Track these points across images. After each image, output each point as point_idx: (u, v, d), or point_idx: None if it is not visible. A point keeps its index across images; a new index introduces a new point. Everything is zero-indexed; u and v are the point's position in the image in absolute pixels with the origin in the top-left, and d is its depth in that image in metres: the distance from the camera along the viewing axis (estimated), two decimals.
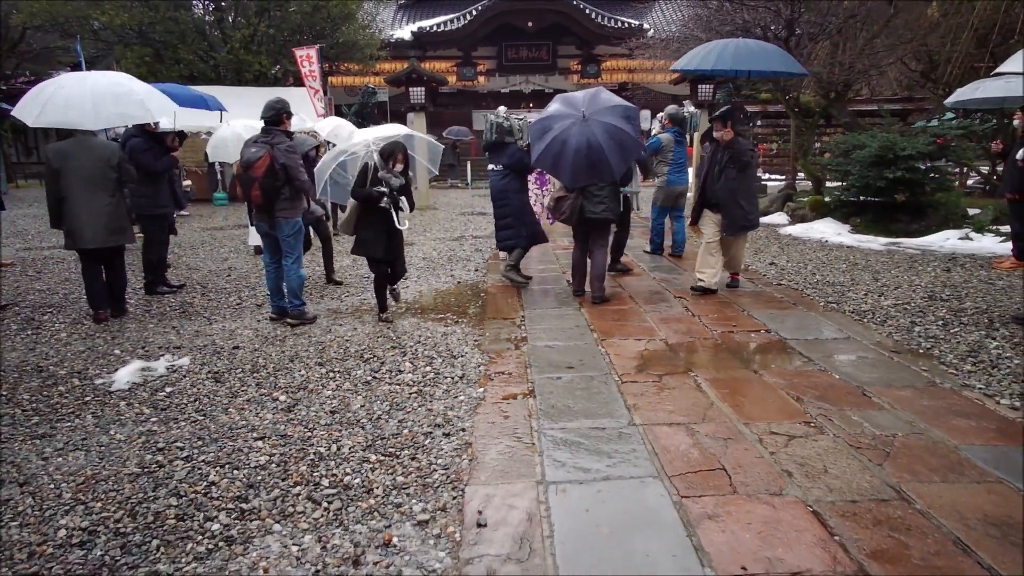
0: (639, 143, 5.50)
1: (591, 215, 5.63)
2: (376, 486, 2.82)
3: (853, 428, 3.27)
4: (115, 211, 5.39)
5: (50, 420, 3.54)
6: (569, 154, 5.24)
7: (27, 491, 2.81)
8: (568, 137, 5.27)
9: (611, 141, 5.21)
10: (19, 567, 2.30)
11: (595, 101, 5.47)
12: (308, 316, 5.38)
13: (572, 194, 5.63)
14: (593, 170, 5.29)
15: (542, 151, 5.40)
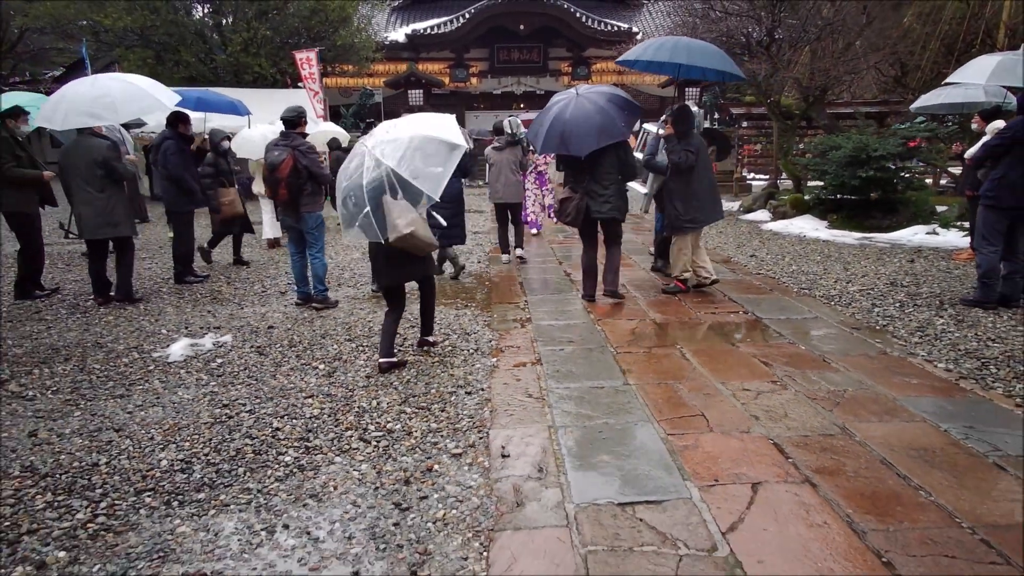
0: (620, 130, 5.41)
1: (597, 215, 5.60)
2: (415, 430, 3.39)
3: (812, 385, 3.88)
4: (107, 205, 5.83)
5: (123, 384, 4.09)
6: (572, 125, 5.30)
7: (123, 435, 3.36)
8: (565, 113, 5.40)
9: (597, 116, 5.31)
10: (137, 485, 2.86)
11: (592, 87, 5.75)
12: (331, 301, 5.93)
13: (576, 195, 5.58)
14: (603, 133, 5.28)
15: (545, 136, 5.43)
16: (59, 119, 5.61)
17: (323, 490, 2.83)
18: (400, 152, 3.87)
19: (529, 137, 5.94)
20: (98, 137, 5.95)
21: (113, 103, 5.59)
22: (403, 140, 3.92)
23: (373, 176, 3.86)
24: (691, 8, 14.25)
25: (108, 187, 5.85)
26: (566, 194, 5.68)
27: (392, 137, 3.95)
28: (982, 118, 7.04)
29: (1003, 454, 3.00)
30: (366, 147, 3.96)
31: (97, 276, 6.09)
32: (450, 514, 2.63)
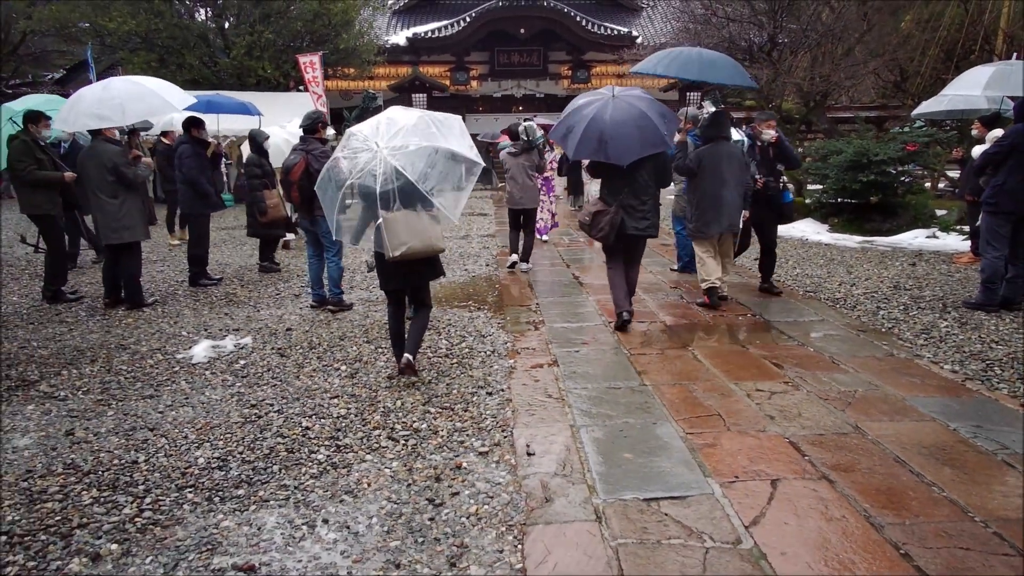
0: (663, 139, 4.94)
1: (634, 231, 5.09)
2: (440, 429, 3.50)
3: (823, 386, 3.99)
4: (117, 211, 5.89)
5: (151, 385, 4.19)
6: (614, 129, 4.81)
7: (158, 434, 3.46)
8: (604, 115, 4.88)
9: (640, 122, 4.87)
10: (178, 481, 2.96)
11: (626, 90, 5.23)
12: (346, 303, 6.03)
13: (611, 208, 5.05)
14: (646, 141, 4.85)
15: (581, 139, 4.89)
16: (71, 120, 5.72)
17: (357, 487, 2.93)
18: (421, 164, 3.69)
19: (556, 138, 5.48)
20: (110, 142, 6.02)
21: (121, 104, 5.63)
22: (424, 150, 3.71)
23: (392, 186, 3.68)
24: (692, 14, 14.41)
25: (120, 192, 5.88)
26: (598, 207, 5.16)
27: (408, 144, 3.70)
28: (983, 124, 7.18)
29: (1011, 452, 3.12)
30: (376, 147, 3.70)
31: (110, 279, 6.17)
32: (482, 509, 2.73)
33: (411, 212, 3.78)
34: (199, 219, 7.01)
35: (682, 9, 15.47)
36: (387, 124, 3.80)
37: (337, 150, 3.89)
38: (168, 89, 6.12)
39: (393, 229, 3.71)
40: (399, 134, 3.73)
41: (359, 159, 3.73)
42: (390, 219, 3.71)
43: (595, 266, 8.01)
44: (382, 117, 3.90)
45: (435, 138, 3.78)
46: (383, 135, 3.73)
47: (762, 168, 5.93)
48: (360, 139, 3.80)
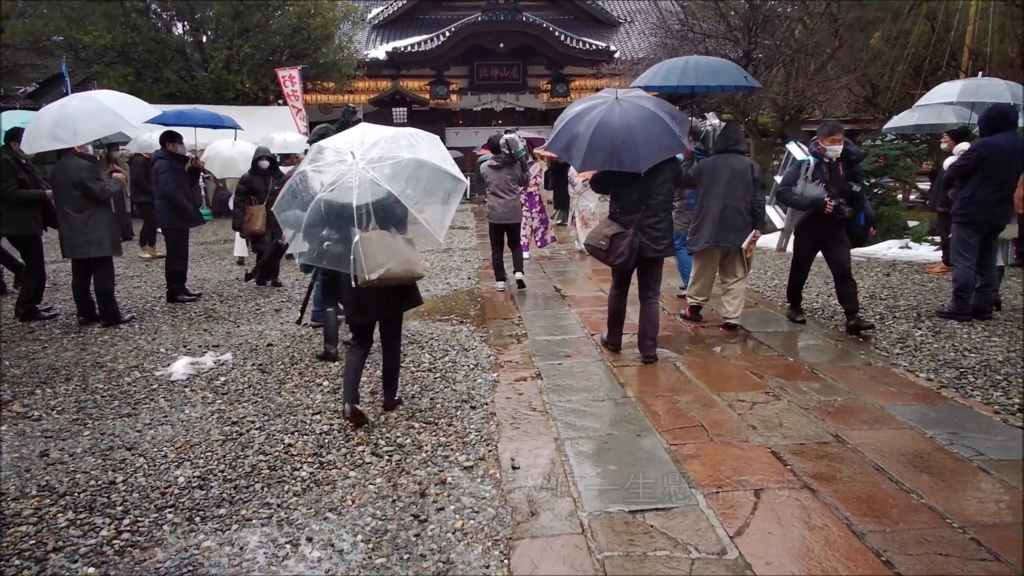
0: (679, 141, 4.49)
1: (653, 254, 4.59)
2: (424, 444, 3.48)
3: (803, 395, 4.04)
4: (83, 225, 5.79)
5: (129, 403, 4.11)
6: (626, 134, 4.31)
7: (136, 453, 3.40)
8: (611, 119, 4.38)
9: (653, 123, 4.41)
10: (157, 502, 2.90)
11: (629, 91, 4.82)
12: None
13: (629, 230, 4.50)
14: (663, 144, 4.39)
15: (588, 148, 4.36)
16: (31, 141, 5.63)
17: (342, 504, 2.90)
18: (403, 178, 3.34)
19: (556, 150, 4.96)
20: (80, 157, 5.92)
21: (73, 124, 5.49)
22: (406, 163, 3.36)
23: (369, 200, 3.29)
24: (669, 29, 14.64)
25: (87, 207, 5.81)
26: (613, 228, 4.57)
27: (388, 156, 3.34)
28: (952, 137, 7.37)
29: (986, 458, 3.18)
30: (352, 159, 3.33)
31: (80, 296, 6.07)
32: (468, 524, 2.72)
33: (386, 232, 3.40)
34: (177, 234, 6.93)
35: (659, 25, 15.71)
36: (363, 136, 3.49)
37: (304, 163, 3.55)
38: (127, 105, 5.98)
39: (369, 249, 3.28)
40: (377, 146, 3.40)
41: (332, 172, 3.35)
42: (365, 238, 3.29)
43: (578, 279, 8.06)
44: (356, 130, 3.61)
45: (417, 151, 3.45)
46: (359, 146, 3.39)
47: (831, 189, 5.16)
48: (332, 151, 3.45)
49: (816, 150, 5.30)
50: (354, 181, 3.27)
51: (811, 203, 5.18)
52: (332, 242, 3.45)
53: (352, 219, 3.27)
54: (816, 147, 5.31)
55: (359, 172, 3.29)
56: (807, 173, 5.23)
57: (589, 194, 8.99)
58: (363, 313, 3.72)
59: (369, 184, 3.28)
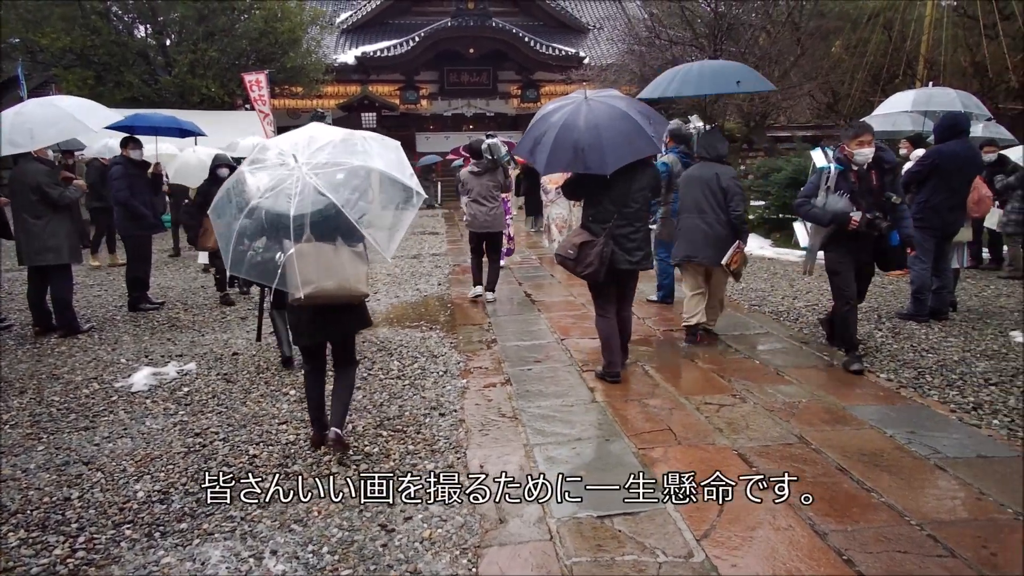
0: (651, 141, 4.19)
1: (627, 266, 4.29)
2: (392, 452, 3.45)
3: (768, 397, 4.11)
4: (41, 232, 5.66)
5: (86, 416, 4.00)
6: (592, 134, 4.05)
7: (93, 468, 3.30)
8: (576, 120, 4.14)
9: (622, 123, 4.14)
10: (115, 518, 2.82)
11: (600, 91, 4.57)
12: None
13: (600, 239, 4.21)
14: (632, 144, 4.09)
15: (552, 150, 4.12)
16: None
17: (307, 515, 2.85)
18: (349, 187, 2.99)
19: (523, 153, 4.64)
20: (39, 162, 5.77)
21: (31, 130, 5.38)
22: (354, 171, 3.03)
23: (308, 210, 2.93)
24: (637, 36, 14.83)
25: (45, 213, 5.67)
26: (583, 237, 4.30)
27: (334, 162, 3.01)
28: (910, 143, 7.59)
29: (943, 456, 3.26)
30: (295, 162, 2.98)
31: (36, 304, 5.90)
32: (436, 533, 2.70)
33: (327, 246, 3.03)
34: (137, 241, 6.77)
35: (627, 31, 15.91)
36: (309, 138, 3.12)
37: (244, 164, 3.19)
38: (86, 110, 5.86)
39: (301, 264, 2.94)
40: (324, 150, 3.05)
41: (271, 176, 3.01)
42: (298, 252, 2.94)
43: (547, 284, 8.08)
44: (303, 131, 3.23)
45: (368, 158, 3.07)
46: (303, 149, 3.04)
47: (860, 201, 4.40)
48: (274, 153, 3.10)
49: (842, 156, 4.54)
50: (295, 188, 2.92)
51: (833, 218, 4.43)
52: (259, 252, 3.08)
53: (288, 230, 2.90)
54: (841, 152, 4.54)
55: (302, 178, 2.94)
56: (829, 182, 4.49)
57: (562, 202, 8.97)
58: (300, 334, 3.39)
59: (311, 192, 2.92)
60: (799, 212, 4.75)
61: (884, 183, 4.51)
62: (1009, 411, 3.82)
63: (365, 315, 3.45)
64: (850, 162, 4.48)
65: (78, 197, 6.05)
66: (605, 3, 30.89)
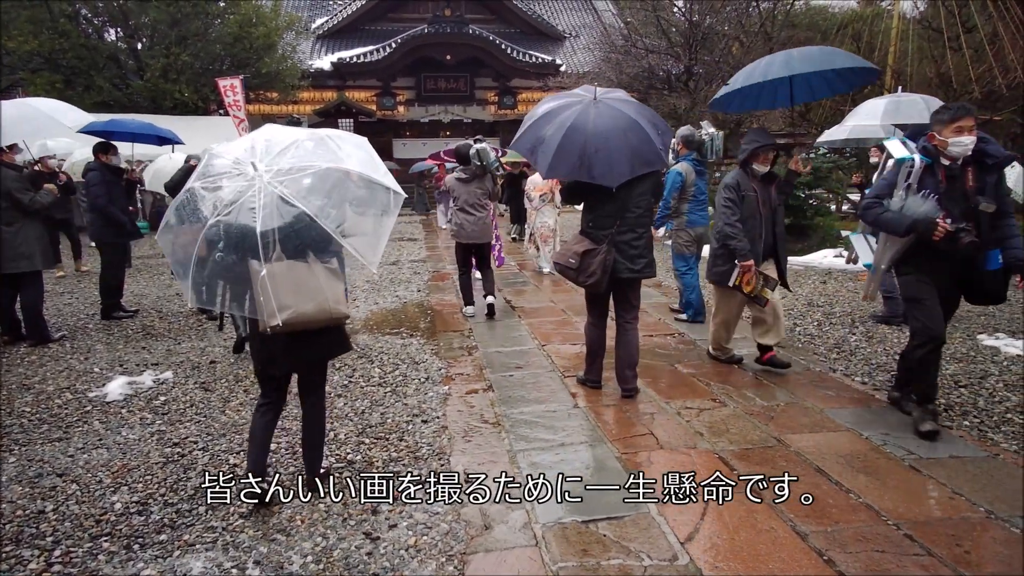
0: (658, 154, 3.96)
1: (629, 274, 4.06)
2: (375, 460, 3.43)
3: (747, 401, 4.17)
4: (13, 238, 5.54)
5: (60, 427, 3.91)
6: (600, 141, 3.78)
7: (68, 480, 3.22)
8: (585, 123, 3.84)
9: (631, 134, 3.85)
10: (92, 530, 2.76)
11: (609, 91, 4.19)
12: None
13: (602, 246, 4.00)
14: (639, 157, 3.84)
15: (557, 153, 3.82)
16: None
17: (290, 524, 2.82)
18: (320, 194, 2.64)
19: (521, 151, 4.31)
20: (8, 167, 5.66)
21: (2, 126, 5.36)
22: (325, 175, 2.68)
23: (276, 224, 2.58)
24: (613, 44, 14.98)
25: (16, 219, 5.56)
26: (584, 245, 4.07)
27: (300, 166, 2.64)
28: (880, 150, 7.77)
29: (916, 457, 3.34)
30: (253, 171, 2.60)
31: (4, 313, 5.76)
32: (421, 540, 2.69)
33: (299, 264, 2.69)
34: (110, 247, 6.65)
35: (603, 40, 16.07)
36: (267, 142, 2.73)
37: (192, 178, 2.73)
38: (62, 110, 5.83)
39: (274, 287, 2.59)
40: (286, 153, 2.68)
41: (227, 189, 2.60)
42: (270, 273, 2.59)
43: (528, 290, 8.10)
44: (258, 133, 2.82)
45: (338, 159, 2.72)
46: (262, 155, 2.65)
47: (950, 206, 3.43)
48: (228, 162, 2.68)
49: (930, 146, 3.54)
50: (257, 200, 2.54)
51: (913, 225, 3.41)
52: (228, 278, 2.70)
53: (255, 249, 2.53)
54: (930, 141, 3.54)
55: (264, 188, 2.55)
56: (911, 179, 3.54)
57: (547, 210, 9.00)
58: (271, 363, 2.92)
59: (276, 203, 2.56)
60: (866, 218, 3.70)
61: (984, 185, 3.45)
62: (979, 412, 3.93)
63: (344, 338, 3.08)
64: (940, 155, 3.49)
65: (49, 202, 5.93)
66: (581, 12, 31.21)
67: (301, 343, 2.83)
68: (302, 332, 2.76)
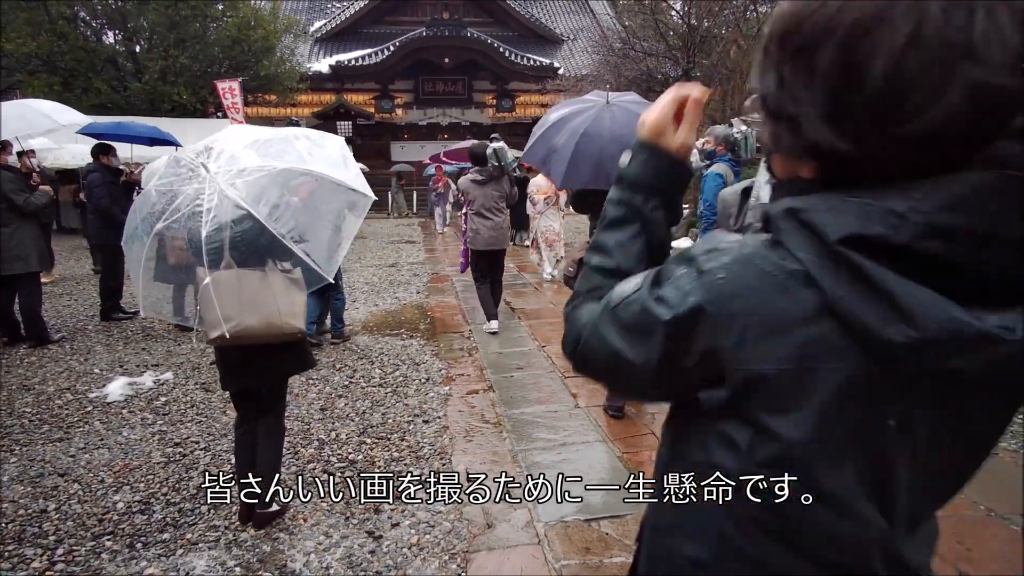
0: None
1: None
2: (377, 459, 3.43)
3: None
4: (10, 240, 5.53)
5: (61, 427, 3.90)
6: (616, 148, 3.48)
7: (69, 479, 3.22)
8: (600, 129, 3.73)
9: None
10: (94, 529, 2.76)
11: (622, 95, 4.08)
12: (347, 334, 5.82)
13: None
14: None
15: (572, 160, 3.71)
16: None
17: (293, 523, 2.83)
18: (274, 195, 2.50)
19: (533, 160, 4.23)
20: (3, 169, 5.65)
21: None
22: (279, 176, 2.52)
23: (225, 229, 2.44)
24: (611, 48, 15.03)
25: (12, 221, 5.55)
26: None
27: (254, 166, 2.47)
28: None
29: None
30: (206, 172, 2.44)
31: (4, 314, 5.75)
32: (424, 539, 2.69)
33: (253, 273, 2.52)
34: (111, 250, 6.63)
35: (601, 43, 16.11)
36: (225, 142, 2.56)
37: (152, 180, 2.66)
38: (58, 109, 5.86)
39: (218, 296, 2.41)
40: (243, 154, 2.52)
41: (180, 193, 2.46)
42: (215, 281, 2.42)
43: (527, 293, 8.12)
44: (221, 134, 2.65)
45: (300, 159, 2.58)
46: (216, 156, 2.50)
47: None
48: (184, 164, 2.54)
49: None
50: (208, 203, 2.40)
51: None
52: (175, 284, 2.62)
53: (200, 254, 2.38)
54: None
55: (217, 189, 2.41)
56: None
57: (551, 213, 8.97)
58: (227, 377, 2.76)
59: (228, 206, 2.41)
60: None
61: None
62: None
63: (303, 355, 2.84)
64: None
65: (44, 203, 5.92)
66: (579, 15, 31.29)
67: (255, 358, 2.64)
68: (258, 346, 2.58)
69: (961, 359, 0.62)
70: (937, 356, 0.62)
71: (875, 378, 0.65)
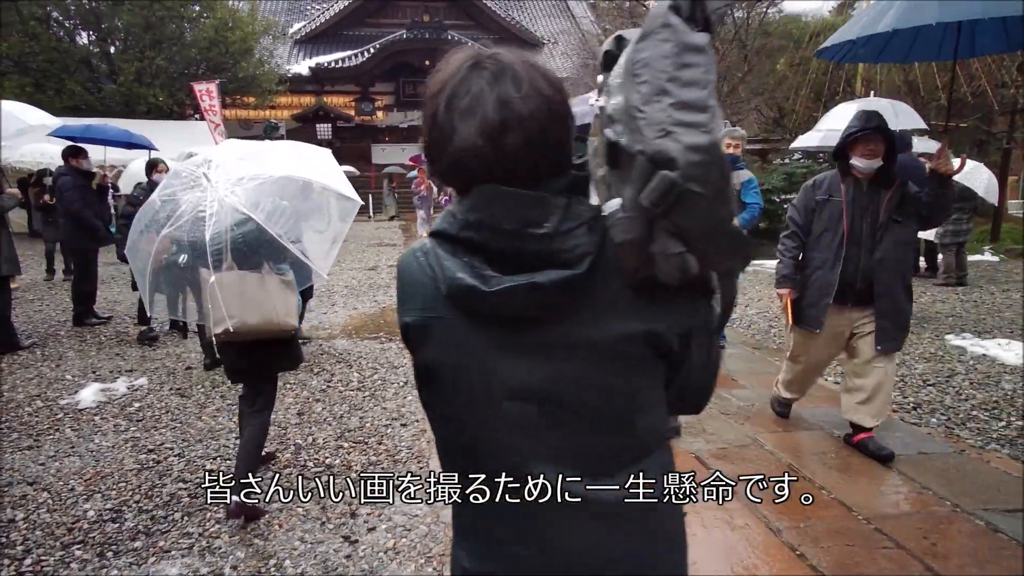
0: None
1: None
2: (354, 464, 3.42)
3: (724, 402, 4.23)
4: None
5: (30, 435, 3.84)
6: None
7: (38, 488, 3.17)
8: None
9: None
10: (64, 539, 2.72)
11: None
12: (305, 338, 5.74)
13: None
14: None
15: None
16: None
17: (268, 529, 2.81)
18: (270, 201, 2.72)
19: None
20: None
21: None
22: (277, 183, 2.74)
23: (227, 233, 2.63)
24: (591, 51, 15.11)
25: None
26: None
27: (253, 175, 2.72)
28: None
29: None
30: (207, 181, 2.69)
31: None
32: (400, 543, 2.69)
33: (252, 275, 2.71)
34: (84, 254, 6.55)
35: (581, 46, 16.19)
36: (224, 154, 2.85)
37: (156, 191, 2.88)
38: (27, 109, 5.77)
39: (222, 295, 2.61)
40: (241, 164, 2.77)
41: (183, 200, 2.69)
42: (219, 282, 2.61)
43: None
44: (219, 147, 2.96)
45: (293, 168, 2.84)
46: (217, 166, 2.75)
47: None
48: (186, 175, 2.79)
49: None
50: (209, 209, 2.61)
51: None
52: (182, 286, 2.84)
53: (204, 256, 2.59)
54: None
55: (217, 197, 2.62)
56: None
57: None
58: (229, 370, 3.05)
59: (229, 212, 2.61)
60: None
61: None
62: (945, 410, 4.03)
63: (294, 352, 3.05)
64: None
65: (12, 207, 5.82)
66: (559, 18, 31.39)
67: (251, 355, 2.87)
68: (254, 342, 2.79)
69: (483, 304, 0.90)
70: (468, 302, 0.92)
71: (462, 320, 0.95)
